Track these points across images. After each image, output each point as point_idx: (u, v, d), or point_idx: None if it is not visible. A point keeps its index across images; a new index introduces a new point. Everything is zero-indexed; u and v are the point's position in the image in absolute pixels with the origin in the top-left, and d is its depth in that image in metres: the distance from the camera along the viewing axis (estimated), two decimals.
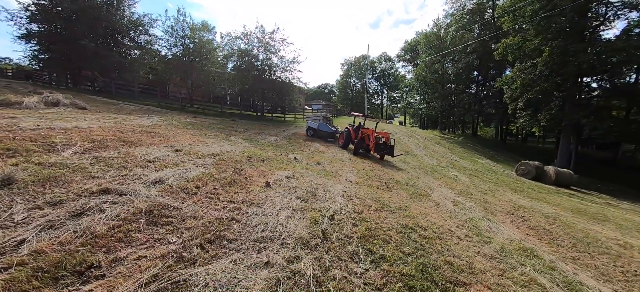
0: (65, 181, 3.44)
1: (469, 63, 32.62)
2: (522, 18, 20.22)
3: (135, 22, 21.53)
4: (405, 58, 55.67)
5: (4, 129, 5.15)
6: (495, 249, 3.97)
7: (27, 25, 18.72)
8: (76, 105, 9.74)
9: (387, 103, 71.54)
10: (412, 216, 4.68)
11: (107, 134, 6.17)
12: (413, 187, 7.44)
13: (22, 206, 2.79)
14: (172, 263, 2.35)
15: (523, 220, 6.12)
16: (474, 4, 32.27)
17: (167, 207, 3.27)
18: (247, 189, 4.47)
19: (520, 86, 20.55)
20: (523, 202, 8.03)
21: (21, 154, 4.07)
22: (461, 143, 26.42)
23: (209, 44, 23.67)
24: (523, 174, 14.45)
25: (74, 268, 2.11)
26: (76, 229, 2.54)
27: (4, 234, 2.34)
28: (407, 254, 3.18)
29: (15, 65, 30.56)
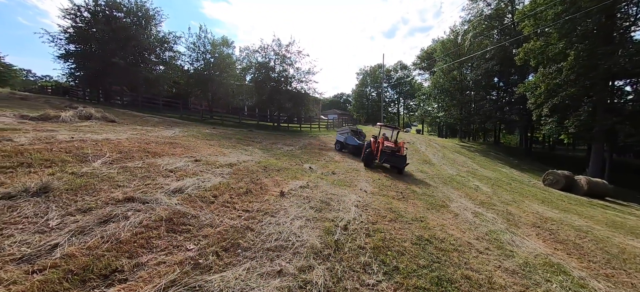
0: (95, 190, 3.69)
1: (488, 69, 31.65)
2: (544, 22, 19.49)
3: (161, 39, 22.89)
4: (421, 66, 55.01)
5: (43, 141, 5.61)
6: (518, 264, 3.77)
7: (66, 46, 20.42)
8: (106, 118, 10.42)
9: (403, 112, 70.55)
10: (429, 227, 4.56)
11: (133, 145, 6.55)
12: (430, 197, 7.24)
13: (57, 212, 3.01)
14: (189, 269, 2.44)
15: (550, 233, 5.77)
16: (492, 10, 31.54)
17: (186, 215, 3.41)
18: (262, 198, 4.56)
19: (544, 92, 19.62)
20: (551, 214, 7.58)
21: (57, 164, 4.42)
22: (482, 152, 25.44)
23: (228, 58, 24.63)
24: (551, 184, 13.65)
25: (100, 271, 2.25)
26: (103, 235, 2.71)
27: (41, 239, 2.55)
28: (422, 267, 3.11)
29: (54, 82, 33.31)
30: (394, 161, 9.89)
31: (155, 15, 22.41)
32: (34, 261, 2.28)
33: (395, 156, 9.89)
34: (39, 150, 4.89)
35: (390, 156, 9.89)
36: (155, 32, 22.79)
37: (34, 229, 2.70)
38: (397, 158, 9.89)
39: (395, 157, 9.87)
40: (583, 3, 16.47)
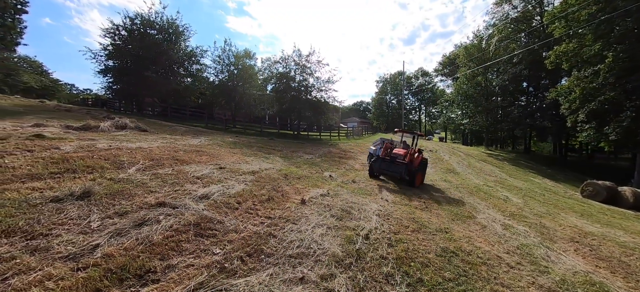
0: (130, 195, 3.96)
1: (516, 74, 30.19)
2: (577, 23, 18.37)
3: (189, 53, 24.27)
4: (443, 72, 53.66)
5: (85, 149, 6.11)
6: (554, 281, 3.52)
7: (105, 62, 22.25)
8: (139, 128, 11.14)
9: (425, 119, 68.82)
10: (454, 238, 4.39)
11: (163, 153, 6.94)
12: (455, 207, 6.97)
13: (97, 215, 3.27)
14: (215, 272, 2.54)
15: (591, 249, 5.33)
16: (518, 13, 30.27)
17: (212, 220, 3.56)
18: (283, 205, 4.64)
19: (579, 96, 18.34)
20: (591, 229, 6.99)
21: (97, 170, 4.79)
22: (512, 160, 24.09)
23: (250, 70, 25.54)
24: (590, 195, 12.60)
25: (135, 271, 2.40)
26: (138, 237, 2.90)
27: (84, 239, 2.77)
28: (448, 280, 2.99)
29: (94, 95, 36.25)
30: (391, 170, 8.38)
31: (184, 31, 23.85)
32: (79, 259, 2.48)
33: (393, 164, 8.39)
34: (82, 157, 5.33)
35: (389, 163, 8.49)
36: (184, 47, 24.21)
37: (78, 230, 2.94)
38: (396, 166, 8.33)
39: (393, 165, 8.37)
40: (621, 2, 15.40)
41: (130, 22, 21.68)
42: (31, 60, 41.28)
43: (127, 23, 21.62)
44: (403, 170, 8.26)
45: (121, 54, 21.85)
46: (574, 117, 19.51)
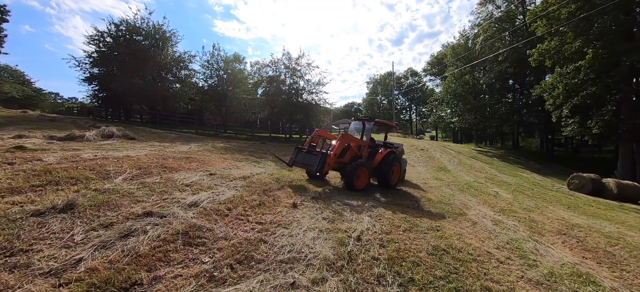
0: (116, 205, 3.85)
1: (502, 72, 30.96)
2: (558, 21, 18.98)
3: (177, 59, 23.96)
4: (432, 72, 54.53)
5: (69, 160, 5.94)
6: (542, 274, 3.59)
7: (90, 69, 21.74)
8: (127, 136, 10.91)
9: (416, 118, 69.69)
10: (445, 236, 4.43)
11: (152, 161, 6.80)
12: (447, 205, 7.05)
13: (81, 228, 3.17)
14: (204, 282, 2.49)
15: (578, 241, 5.46)
16: (502, 12, 31.10)
17: (201, 228, 3.49)
18: (275, 210, 4.61)
19: (563, 92, 18.93)
20: (578, 221, 7.18)
21: (82, 181, 4.66)
22: (501, 156, 24.60)
23: (240, 74, 25.42)
24: (577, 188, 12.97)
25: (120, 285, 2.33)
26: (124, 249, 2.82)
27: (66, 253, 2.68)
28: (439, 278, 3.02)
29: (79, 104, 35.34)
30: (306, 161, 7.00)
31: (171, 36, 23.57)
32: (61, 274, 2.39)
33: (309, 155, 7.01)
34: (66, 168, 5.18)
35: (305, 155, 7.13)
36: (172, 52, 23.92)
37: (60, 244, 2.84)
38: (311, 158, 6.92)
39: (309, 157, 6.98)
40: (598, 0, 15.99)
41: (116, 28, 21.30)
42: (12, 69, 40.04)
43: (112, 29, 21.23)
44: (316, 162, 6.63)
45: (107, 61, 21.41)
46: (558, 112, 20.11)
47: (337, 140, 7.37)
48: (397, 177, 8.51)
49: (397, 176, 8.52)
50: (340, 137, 7.43)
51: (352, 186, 6.95)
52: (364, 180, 7.29)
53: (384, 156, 8.11)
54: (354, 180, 6.93)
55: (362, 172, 7.26)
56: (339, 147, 7.18)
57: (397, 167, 8.41)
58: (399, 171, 8.54)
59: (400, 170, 8.54)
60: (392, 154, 8.36)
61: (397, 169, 8.47)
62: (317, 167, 6.55)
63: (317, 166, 6.59)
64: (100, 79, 22.00)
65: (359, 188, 7.09)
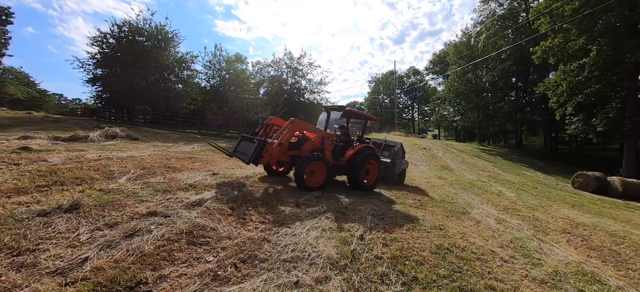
0: (121, 205, 3.88)
1: (505, 70, 30.79)
2: (561, 18, 18.82)
3: (179, 59, 24.08)
4: (434, 70, 54.32)
5: (74, 160, 5.99)
6: (546, 273, 3.57)
7: (94, 70, 21.91)
8: (130, 136, 10.98)
9: (418, 117, 69.45)
10: (449, 235, 4.42)
11: (155, 161, 6.85)
12: (450, 204, 7.03)
13: (87, 227, 3.19)
14: (208, 281, 2.50)
15: (582, 239, 5.42)
16: (504, 10, 30.89)
17: (205, 227, 3.51)
18: (278, 209, 4.62)
19: (566, 90, 18.79)
20: (582, 219, 7.13)
21: (87, 181, 4.70)
22: (504, 155, 24.46)
23: (242, 74, 25.48)
24: (581, 186, 12.87)
25: (126, 284, 2.35)
26: (128, 248, 2.84)
27: (72, 252, 2.71)
28: (442, 277, 3.01)
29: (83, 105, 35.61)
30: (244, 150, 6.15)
31: (173, 37, 23.69)
32: (67, 273, 2.42)
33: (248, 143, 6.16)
34: (71, 169, 5.23)
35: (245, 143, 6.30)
36: (174, 53, 24.04)
37: (66, 243, 2.87)
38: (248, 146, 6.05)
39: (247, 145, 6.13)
40: None
41: (118, 29, 21.43)
42: (17, 71, 40.42)
43: (115, 31, 21.37)
44: (251, 151, 5.73)
45: (110, 62, 21.57)
46: (562, 110, 19.96)
47: (285, 128, 6.20)
48: (374, 178, 7.34)
49: (374, 176, 7.36)
50: (288, 124, 6.26)
51: (303, 182, 5.90)
52: (320, 177, 6.25)
53: (355, 151, 6.98)
54: (303, 175, 5.88)
55: (318, 167, 6.20)
56: (286, 136, 6.06)
57: (373, 165, 7.33)
58: (377, 171, 7.41)
59: (378, 169, 7.45)
60: (366, 150, 7.23)
61: (373, 168, 7.38)
62: (251, 156, 5.58)
63: (250, 154, 5.63)
64: (103, 80, 22.17)
65: (313, 186, 6.06)
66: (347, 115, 7.90)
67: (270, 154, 5.79)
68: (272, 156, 5.89)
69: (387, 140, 10.77)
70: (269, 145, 5.79)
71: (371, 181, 7.27)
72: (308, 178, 6.05)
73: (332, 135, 7.04)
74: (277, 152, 5.94)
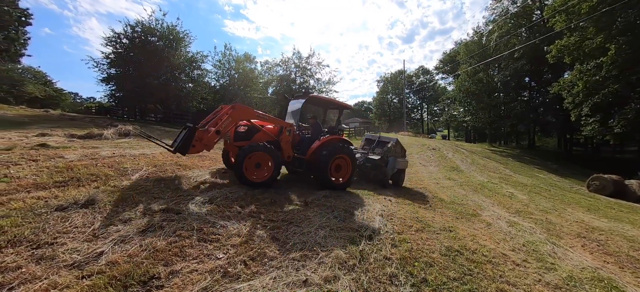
0: (134, 201, 3.98)
1: (517, 69, 30.06)
2: (578, 16, 18.25)
3: (190, 59, 24.45)
4: (444, 70, 53.51)
5: (89, 157, 6.16)
6: (561, 278, 3.48)
7: (108, 70, 22.48)
8: (142, 134, 11.21)
9: (427, 117, 68.59)
10: (459, 237, 4.36)
11: (166, 159, 6.97)
12: (460, 205, 6.93)
13: (102, 222, 3.29)
14: (219, 277, 2.54)
15: (598, 244, 5.27)
16: (518, 8, 30.15)
17: (215, 224, 3.56)
18: (286, 208, 4.64)
19: (583, 90, 18.24)
20: (598, 224, 6.91)
21: (101, 178, 4.83)
22: (516, 156, 23.90)
23: (251, 73, 25.71)
24: (597, 189, 12.46)
25: (139, 278, 2.41)
26: (141, 244, 2.91)
27: (88, 247, 2.79)
28: (453, 279, 2.97)
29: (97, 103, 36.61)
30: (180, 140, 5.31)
31: (184, 37, 24.06)
32: (84, 267, 2.50)
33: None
34: (86, 165, 5.38)
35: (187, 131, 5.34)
36: (185, 53, 24.42)
37: (82, 238, 2.96)
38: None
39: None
40: None
41: (131, 30, 21.91)
42: (35, 70, 41.78)
43: (128, 31, 21.87)
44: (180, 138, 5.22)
45: (123, 61, 22.09)
46: (577, 111, 19.39)
47: (225, 113, 5.51)
48: (347, 175, 6.48)
49: (347, 173, 6.49)
50: (227, 109, 5.61)
51: (242, 176, 5.17)
52: (265, 171, 5.50)
53: (320, 144, 6.15)
54: (242, 168, 5.15)
55: (262, 159, 5.45)
56: (226, 123, 5.38)
57: (344, 161, 6.44)
58: (350, 167, 6.50)
59: (353, 166, 6.54)
60: (336, 142, 6.35)
61: (345, 164, 6.48)
62: (177, 144, 5.07)
63: (179, 142, 5.09)
64: (116, 79, 22.72)
65: (255, 181, 5.30)
66: (310, 102, 6.96)
67: (204, 142, 5.18)
68: (207, 145, 5.26)
69: (382, 136, 9.83)
70: (202, 132, 5.15)
71: (343, 178, 6.41)
72: (250, 171, 5.31)
73: (289, 125, 6.14)
74: (213, 140, 5.29)
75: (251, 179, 5.32)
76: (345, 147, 6.43)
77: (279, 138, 5.95)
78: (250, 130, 5.89)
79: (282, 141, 5.94)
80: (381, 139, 9.39)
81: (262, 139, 5.76)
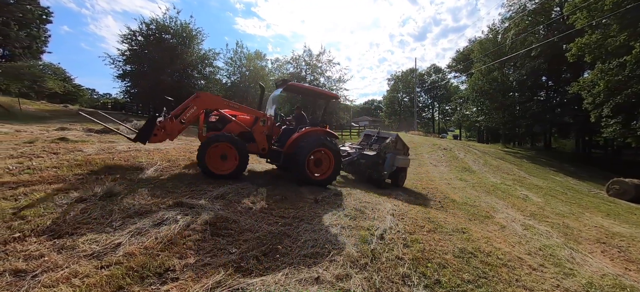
0: (149, 195, 4.07)
1: (534, 68, 29.10)
2: (601, 13, 17.50)
3: (202, 56, 24.83)
4: (457, 68, 52.39)
5: (106, 151, 6.35)
6: (580, 284, 3.36)
7: (123, 67, 23.08)
8: None
9: (439, 116, 67.42)
10: (472, 239, 4.27)
11: (180, 153, 7.11)
12: (472, 207, 6.78)
13: (119, 215, 3.38)
14: (232, 271, 2.57)
15: (619, 251, 5.06)
16: (536, 4, 29.13)
17: (228, 220, 3.61)
18: (297, 205, 4.65)
19: (604, 90, 17.51)
20: (619, 229, 6.65)
21: (118, 171, 4.96)
22: (531, 158, 23.21)
23: (261, 71, 25.87)
24: (617, 194, 11.99)
25: (155, 270, 2.46)
26: (157, 236, 2.97)
27: (107, 238, 2.87)
28: (467, 281, 2.91)
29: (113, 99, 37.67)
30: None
31: (197, 35, 24.44)
32: (102, 257, 2.57)
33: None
34: (103, 159, 5.54)
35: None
36: (198, 50, 24.80)
37: (100, 229, 3.05)
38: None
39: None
40: None
41: (146, 27, 22.40)
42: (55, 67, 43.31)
43: (143, 29, 22.36)
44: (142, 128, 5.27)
45: (138, 58, 22.64)
46: (598, 111, 18.67)
47: (189, 102, 5.38)
48: (329, 171, 6.09)
49: (329, 168, 6.10)
50: (192, 98, 5.47)
51: (204, 166, 5.04)
52: (230, 163, 5.29)
53: (298, 136, 5.87)
54: (204, 158, 5.01)
55: (227, 149, 5.24)
56: (191, 112, 5.27)
57: (325, 155, 6.05)
58: (333, 162, 6.11)
59: (336, 160, 6.11)
60: (316, 134, 5.99)
61: (326, 158, 6.09)
62: (138, 133, 5.09)
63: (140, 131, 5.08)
64: (132, 76, 23.31)
65: (220, 173, 5.17)
66: (288, 90, 6.65)
67: (167, 131, 5.14)
68: (170, 134, 5.23)
69: (381, 131, 9.32)
70: (165, 121, 5.10)
71: (324, 174, 6.03)
72: (213, 162, 5.16)
73: (262, 114, 5.90)
74: (176, 129, 5.25)
75: (214, 170, 5.15)
76: (326, 140, 6.00)
77: (252, 129, 5.70)
78: (222, 120, 5.67)
79: (255, 132, 5.69)
80: (381, 134, 8.88)
81: (235, 130, 5.56)
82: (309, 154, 5.72)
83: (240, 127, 5.64)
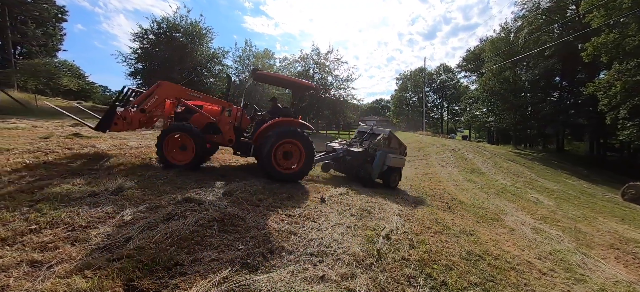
0: (159, 190, 4.16)
1: (548, 68, 28.35)
2: (618, 11, 16.91)
3: (212, 55, 25.13)
4: (467, 68, 51.51)
5: (118, 147, 6.51)
6: (592, 290, 3.28)
7: (135, 64, 23.56)
8: None
9: (448, 117, 66.52)
10: (480, 241, 4.21)
11: None
12: (481, 209, 6.68)
13: (130, 209, 3.46)
14: (238, 267, 2.61)
15: (634, 257, 4.91)
16: (550, 3, 28.34)
17: (235, 216, 3.65)
18: (303, 204, 4.67)
19: (621, 91, 16.94)
20: (634, 235, 6.44)
21: (129, 167, 5.08)
22: (543, 160, 22.69)
23: (270, 69, 25.99)
24: (632, 198, 11.59)
25: (165, 264, 2.52)
26: (166, 231, 3.04)
27: (118, 231, 2.95)
28: (474, 284, 2.88)
29: None
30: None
31: (206, 33, 24.73)
32: (114, 250, 2.64)
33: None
34: (115, 155, 5.69)
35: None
36: (207, 49, 25.10)
37: (112, 223, 3.13)
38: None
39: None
40: None
41: (157, 26, 22.79)
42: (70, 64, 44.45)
43: (154, 27, 22.76)
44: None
45: (149, 56, 23.06)
46: (614, 113, 18.10)
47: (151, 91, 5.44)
48: (299, 164, 5.80)
49: (299, 162, 5.81)
50: (153, 87, 5.53)
51: (162, 156, 5.09)
52: (188, 154, 5.25)
53: (265, 126, 5.68)
54: (162, 148, 5.06)
55: (186, 140, 5.20)
56: (152, 102, 5.31)
57: (295, 147, 5.75)
58: (304, 155, 5.78)
59: (307, 154, 5.78)
60: (286, 126, 5.74)
61: (296, 151, 5.79)
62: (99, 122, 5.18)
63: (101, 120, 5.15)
64: (143, 74, 23.77)
65: (177, 163, 5.16)
66: (257, 80, 6.58)
67: (128, 121, 5.20)
68: (131, 123, 5.29)
69: (375, 128, 8.75)
70: (126, 111, 5.18)
71: (293, 167, 5.79)
72: (171, 152, 5.19)
73: (228, 104, 5.81)
74: (137, 119, 5.30)
75: (172, 160, 5.17)
76: (296, 132, 5.69)
77: (218, 120, 5.63)
78: (188, 111, 5.62)
79: (221, 123, 5.61)
80: (373, 131, 8.34)
81: (200, 121, 5.50)
82: (276, 145, 5.48)
83: (206, 118, 5.54)
